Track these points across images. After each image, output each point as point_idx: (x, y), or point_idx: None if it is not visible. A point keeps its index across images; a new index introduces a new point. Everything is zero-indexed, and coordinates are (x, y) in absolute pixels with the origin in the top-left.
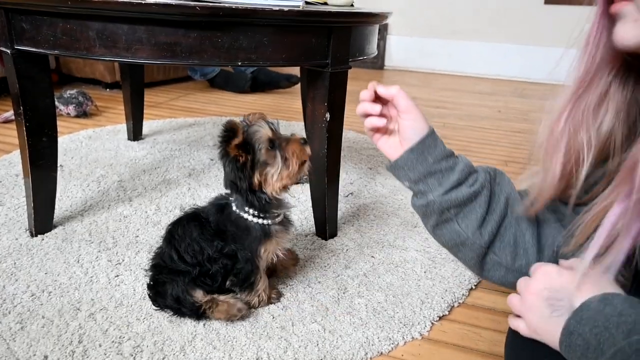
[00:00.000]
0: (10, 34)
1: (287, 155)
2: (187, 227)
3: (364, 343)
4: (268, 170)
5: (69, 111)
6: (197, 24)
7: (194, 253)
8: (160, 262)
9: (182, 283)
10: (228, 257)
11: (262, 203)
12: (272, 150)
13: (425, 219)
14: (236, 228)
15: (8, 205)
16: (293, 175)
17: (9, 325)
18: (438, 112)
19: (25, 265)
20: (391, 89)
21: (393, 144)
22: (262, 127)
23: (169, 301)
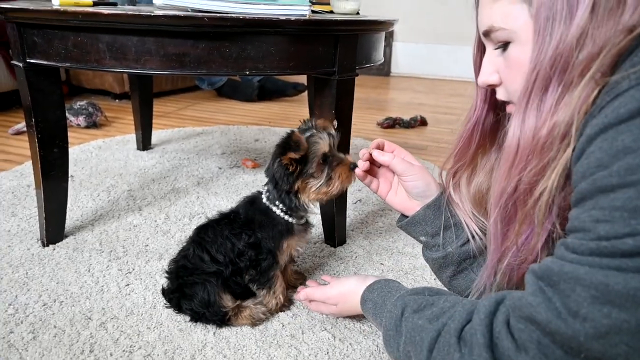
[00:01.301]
0: (23, 48)
1: (333, 175)
2: (218, 228)
3: (375, 351)
4: (311, 181)
5: (79, 122)
6: (205, 35)
7: (226, 251)
8: (187, 264)
9: (215, 285)
10: (253, 247)
11: (292, 205)
12: (323, 164)
13: (441, 271)
14: (264, 217)
15: (20, 216)
16: (330, 195)
17: (22, 335)
18: (446, 118)
19: (37, 275)
20: (385, 157)
21: (402, 199)
22: (322, 139)
23: (196, 304)
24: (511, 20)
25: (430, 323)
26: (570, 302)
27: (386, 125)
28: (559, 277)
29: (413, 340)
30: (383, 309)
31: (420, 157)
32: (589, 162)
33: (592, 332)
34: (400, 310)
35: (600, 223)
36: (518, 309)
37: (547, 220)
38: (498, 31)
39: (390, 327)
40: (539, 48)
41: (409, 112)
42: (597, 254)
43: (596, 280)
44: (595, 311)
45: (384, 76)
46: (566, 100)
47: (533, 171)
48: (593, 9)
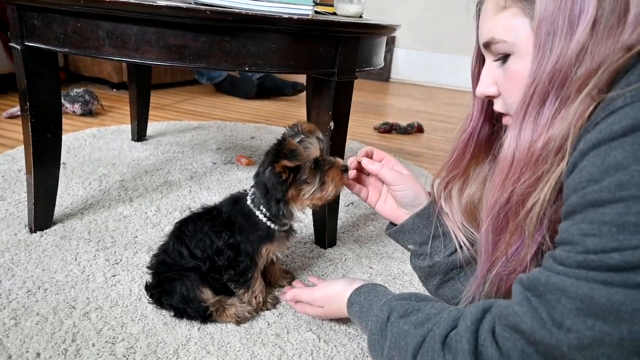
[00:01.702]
0: (21, 30)
1: (326, 179)
2: (199, 223)
3: (359, 354)
4: (304, 188)
5: (75, 109)
6: (207, 28)
7: (205, 247)
8: (167, 259)
9: (194, 280)
10: (232, 248)
11: (278, 212)
12: (315, 170)
13: (428, 279)
14: (245, 221)
15: (9, 201)
16: (324, 200)
17: (3, 321)
18: (442, 126)
19: (22, 261)
20: (374, 166)
21: (391, 208)
22: (313, 145)
23: (176, 300)
24: (512, 33)
25: (415, 328)
26: (556, 313)
27: (383, 130)
28: (545, 287)
29: (398, 345)
30: (369, 313)
31: (415, 165)
32: (581, 176)
33: (575, 343)
34: (386, 314)
35: (588, 237)
36: (504, 318)
37: (537, 232)
38: (499, 43)
39: (375, 331)
40: (539, 62)
41: (407, 118)
42: (584, 267)
43: (582, 293)
44: (580, 323)
45: (384, 81)
46: (562, 114)
47: (526, 183)
48: (594, 26)
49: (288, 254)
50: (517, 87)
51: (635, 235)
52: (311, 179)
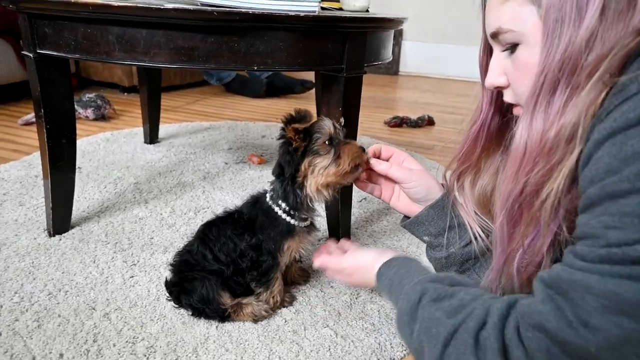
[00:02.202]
0: (33, 39)
1: (342, 153)
2: (222, 227)
3: (376, 349)
4: (318, 161)
5: (88, 114)
6: (215, 29)
7: (228, 251)
8: (190, 260)
9: (214, 283)
10: (254, 249)
11: (296, 200)
12: (329, 145)
13: (443, 271)
14: (265, 217)
15: (27, 206)
16: (341, 175)
17: (27, 323)
18: (452, 118)
19: (42, 264)
20: (382, 166)
21: (405, 203)
22: (327, 123)
23: (195, 300)
24: (520, 22)
25: (447, 317)
26: (581, 312)
27: (393, 124)
28: (568, 285)
29: (428, 332)
30: (399, 289)
31: (427, 157)
32: (598, 168)
33: (603, 342)
34: (418, 296)
35: (610, 229)
36: (527, 316)
37: (552, 222)
38: (506, 33)
39: (405, 311)
40: (548, 50)
41: (417, 111)
42: (608, 262)
43: (607, 290)
44: (607, 321)
45: (392, 75)
46: (573, 102)
47: (540, 173)
48: (602, 11)
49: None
50: (527, 77)
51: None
52: (324, 152)
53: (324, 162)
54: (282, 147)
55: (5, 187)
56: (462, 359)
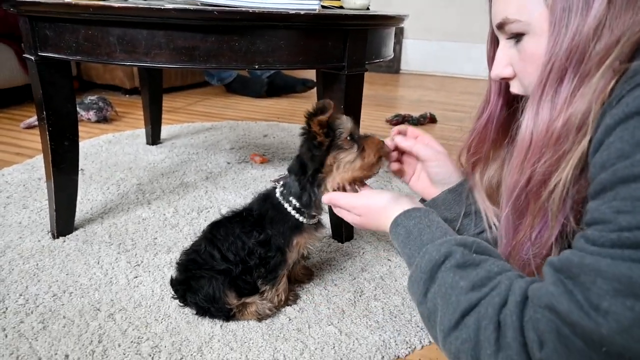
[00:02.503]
0: (34, 41)
1: (366, 146)
2: (229, 226)
3: (381, 346)
4: (343, 156)
5: (90, 116)
6: (215, 29)
7: (237, 250)
8: (198, 259)
9: (222, 282)
10: (262, 245)
11: (310, 199)
12: (351, 140)
13: None
14: (276, 212)
15: (31, 208)
16: (367, 167)
17: (32, 325)
18: (455, 115)
19: (47, 266)
20: (408, 142)
21: (424, 184)
22: (347, 120)
23: (200, 298)
24: (526, 12)
25: (472, 289)
26: (592, 295)
27: (395, 123)
28: (579, 269)
29: (447, 297)
30: (418, 242)
31: None
32: (609, 153)
33: (615, 326)
34: (442, 257)
35: (621, 214)
36: (537, 298)
37: (560, 213)
38: (513, 23)
39: (424, 269)
40: (555, 39)
41: (418, 109)
42: (619, 246)
43: (619, 273)
44: (618, 304)
45: (394, 73)
46: (582, 91)
47: (547, 163)
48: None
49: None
50: (533, 67)
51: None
52: (348, 146)
53: (349, 156)
54: (305, 143)
55: (8, 190)
56: (480, 334)
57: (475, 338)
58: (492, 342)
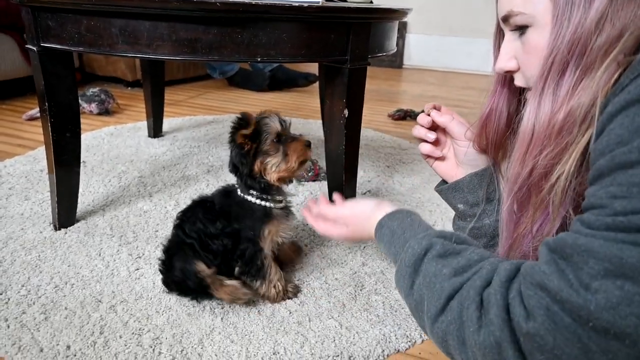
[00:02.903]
0: (37, 32)
1: (289, 151)
2: (194, 210)
3: (381, 340)
4: (269, 160)
5: (92, 109)
6: (217, 20)
7: (198, 230)
8: (169, 245)
9: (189, 253)
10: (229, 237)
11: (262, 186)
12: (277, 143)
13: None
14: (240, 208)
15: (33, 200)
16: (290, 171)
17: (34, 316)
18: (457, 110)
19: (49, 257)
20: (444, 118)
21: (449, 166)
22: (273, 121)
23: (177, 274)
24: (531, 5)
25: (454, 275)
26: (583, 275)
27: (397, 117)
28: (572, 249)
29: (431, 285)
30: (401, 240)
31: None
32: (609, 139)
33: (603, 302)
34: (424, 249)
35: (617, 199)
36: (529, 276)
37: (562, 206)
38: (517, 16)
39: (408, 263)
40: (557, 32)
41: (421, 104)
42: (613, 229)
43: (610, 254)
44: (609, 283)
45: (396, 68)
46: (585, 83)
47: (549, 156)
48: None
49: (307, 243)
50: (536, 60)
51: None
52: (274, 151)
53: (274, 160)
54: (234, 149)
55: (11, 181)
56: (464, 314)
57: (459, 319)
58: (474, 320)
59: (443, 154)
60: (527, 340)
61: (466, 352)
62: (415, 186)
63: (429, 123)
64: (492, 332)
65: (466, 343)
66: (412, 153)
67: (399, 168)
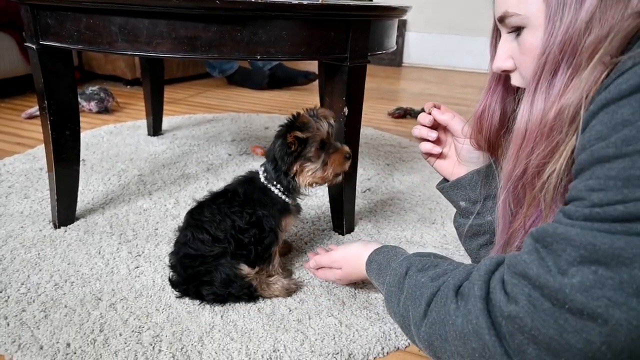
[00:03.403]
0: (36, 30)
1: (329, 162)
2: (214, 207)
3: (381, 337)
4: (307, 165)
5: (91, 107)
6: (217, 18)
7: (226, 228)
8: (190, 251)
9: (227, 263)
10: (255, 226)
11: (289, 186)
12: (320, 150)
13: (472, 239)
14: (264, 195)
15: (32, 198)
16: (325, 180)
17: (34, 314)
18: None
19: (48, 255)
20: (445, 116)
21: (450, 164)
22: (323, 127)
23: (218, 286)
24: (525, 6)
25: (432, 281)
26: (561, 261)
27: (397, 116)
28: (552, 238)
29: (413, 296)
30: (387, 269)
31: None
32: (590, 135)
33: (578, 285)
34: (405, 269)
35: (595, 192)
36: (513, 266)
37: (554, 203)
38: (512, 17)
39: (393, 283)
40: (550, 32)
41: (420, 102)
42: (590, 219)
43: (585, 241)
44: (584, 269)
45: (396, 66)
46: (574, 83)
47: (541, 155)
48: None
49: (307, 241)
50: (531, 60)
51: (639, 188)
52: (315, 158)
53: (313, 167)
54: (280, 145)
55: (10, 180)
56: (442, 311)
57: (439, 318)
58: (451, 313)
59: (444, 152)
60: (509, 322)
61: (449, 349)
62: (415, 184)
63: (431, 122)
64: (470, 320)
65: (448, 339)
66: (412, 151)
67: (398, 166)
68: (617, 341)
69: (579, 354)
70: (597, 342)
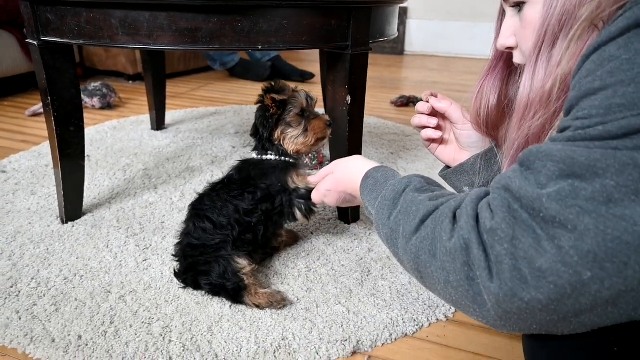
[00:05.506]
0: (37, 26)
1: (309, 127)
2: (213, 195)
3: (389, 324)
4: (288, 131)
5: (94, 103)
6: (217, 9)
7: (229, 214)
8: (192, 241)
9: (227, 255)
10: (265, 201)
11: (280, 151)
12: (300, 117)
13: None
14: (260, 169)
15: (39, 194)
16: (307, 146)
17: (45, 307)
18: (459, 95)
19: (57, 250)
20: (442, 104)
21: (451, 151)
22: (301, 96)
23: (214, 277)
24: None
25: (430, 200)
26: (541, 177)
27: (400, 104)
28: (535, 156)
29: (408, 211)
30: (384, 185)
31: None
32: (580, 75)
33: (554, 196)
34: (403, 186)
35: (578, 120)
36: (496, 182)
37: None
38: None
39: (388, 197)
40: (549, 4)
41: (423, 90)
42: (572, 140)
43: (564, 155)
44: (562, 182)
45: (398, 55)
46: (570, 52)
47: (541, 121)
48: None
49: (313, 231)
50: (531, 34)
51: (620, 112)
52: (295, 124)
53: (294, 132)
54: (260, 111)
55: (17, 177)
56: (438, 228)
57: (432, 234)
58: (447, 231)
59: (445, 138)
60: (490, 235)
61: (435, 264)
62: (419, 172)
63: (429, 109)
64: (462, 235)
65: (437, 255)
66: (416, 139)
67: (402, 154)
68: (584, 244)
69: (551, 259)
70: (566, 246)
